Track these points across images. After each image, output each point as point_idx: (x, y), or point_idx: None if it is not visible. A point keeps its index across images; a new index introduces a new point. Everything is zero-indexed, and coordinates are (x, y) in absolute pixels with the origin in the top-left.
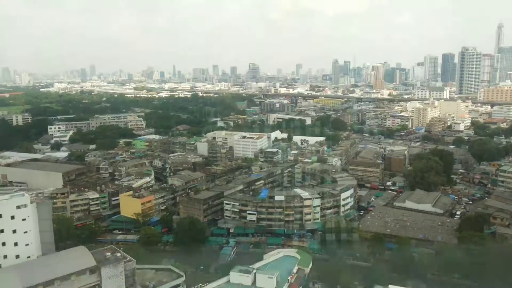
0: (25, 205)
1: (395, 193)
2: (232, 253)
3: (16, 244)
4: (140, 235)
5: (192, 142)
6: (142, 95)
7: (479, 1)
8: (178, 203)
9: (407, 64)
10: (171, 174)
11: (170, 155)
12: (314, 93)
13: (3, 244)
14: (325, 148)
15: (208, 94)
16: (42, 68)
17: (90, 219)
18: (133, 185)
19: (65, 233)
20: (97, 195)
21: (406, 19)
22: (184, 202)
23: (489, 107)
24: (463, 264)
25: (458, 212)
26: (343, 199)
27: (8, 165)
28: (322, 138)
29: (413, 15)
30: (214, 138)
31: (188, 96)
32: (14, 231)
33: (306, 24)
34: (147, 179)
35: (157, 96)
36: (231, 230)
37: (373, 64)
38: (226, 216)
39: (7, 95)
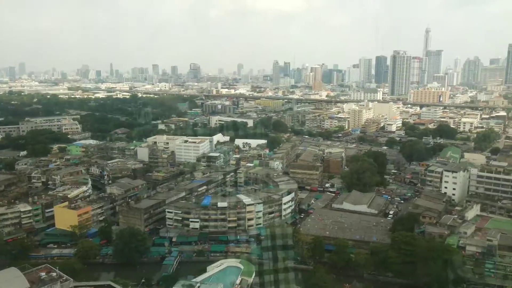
0: None
1: (334, 194)
2: (175, 263)
3: None
4: (77, 249)
5: (132, 147)
6: (77, 96)
7: (409, 6)
8: (117, 213)
9: (343, 65)
10: (110, 182)
11: (108, 161)
12: (255, 94)
13: None
14: (267, 151)
15: (148, 95)
16: None
17: (22, 233)
18: (69, 195)
19: None
20: (29, 207)
21: (342, 22)
22: (124, 212)
23: (418, 108)
24: (396, 263)
25: (391, 212)
26: (285, 203)
27: None
28: (263, 141)
29: (349, 18)
30: (155, 142)
31: (127, 96)
32: None
33: (248, 24)
34: (84, 188)
35: (93, 96)
36: (174, 239)
37: (311, 65)
38: (168, 224)
39: None
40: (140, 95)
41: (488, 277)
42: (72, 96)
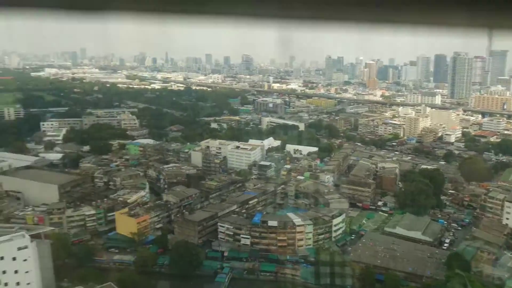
0: (26, 246)
1: (386, 214)
2: (226, 281)
3: (18, 283)
4: (136, 257)
5: (186, 150)
6: (134, 86)
7: None
8: (173, 221)
9: (400, 60)
10: (166, 187)
11: (165, 166)
12: (307, 90)
13: (6, 284)
14: (318, 162)
15: (201, 87)
16: (32, 48)
17: (87, 236)
18: (128, 200)
19: (62, 251)
20: (93, 211)
21: None
22: (179, 222)
23: (480, 116)
24: None
25: (447, 241)
26: (335, 225)
27: (4, 173)
28: (315, 149)
29: None
30: (208, 146)
31: (181, 88)
32: (16, 272)
33: None
34: (142, 193)
35: (149, 87)
36: (225, 253)
37: (366, 60)
38: (220, 238)
39: None
40: (194, 87)
41: None
42: (130, 86)
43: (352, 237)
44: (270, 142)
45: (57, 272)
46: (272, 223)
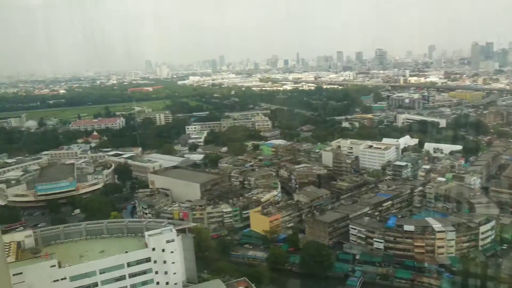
0: (173, 240)
1: None
2: (358, 285)
3: (166, 272)
4: (269, 254)
5: (317, 150)
6: (267, 88)
7: None
8: (303, 220)
9: None
10: (297, 186)
11: (296, 166)
12: (449, 82)
13: (156, 273)
14: (462, 162)
15: (332, 86)
16: (179, 59)
17: (224, 231)
18: (261, 199)
19: (203, 244)
20: (229, 209)
21: None
22: (310, 222)
23: None
24: None
25: None
26: (482, 232)
27: (155, 172)
28: (458, 147)
29: None
30: (339, 146)
31: (312, 88)
32: (164, 262)
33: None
34: (274, 192)
35: (281, 88)
36: (357, 257)
37: None
38: (352, 240)
39: (150, 89)
40: (324, 86)
41: None
42: (263, 88)
43: (504, 247)
44: (406, 140)
45: (198, 263)
46: (409, 227)
